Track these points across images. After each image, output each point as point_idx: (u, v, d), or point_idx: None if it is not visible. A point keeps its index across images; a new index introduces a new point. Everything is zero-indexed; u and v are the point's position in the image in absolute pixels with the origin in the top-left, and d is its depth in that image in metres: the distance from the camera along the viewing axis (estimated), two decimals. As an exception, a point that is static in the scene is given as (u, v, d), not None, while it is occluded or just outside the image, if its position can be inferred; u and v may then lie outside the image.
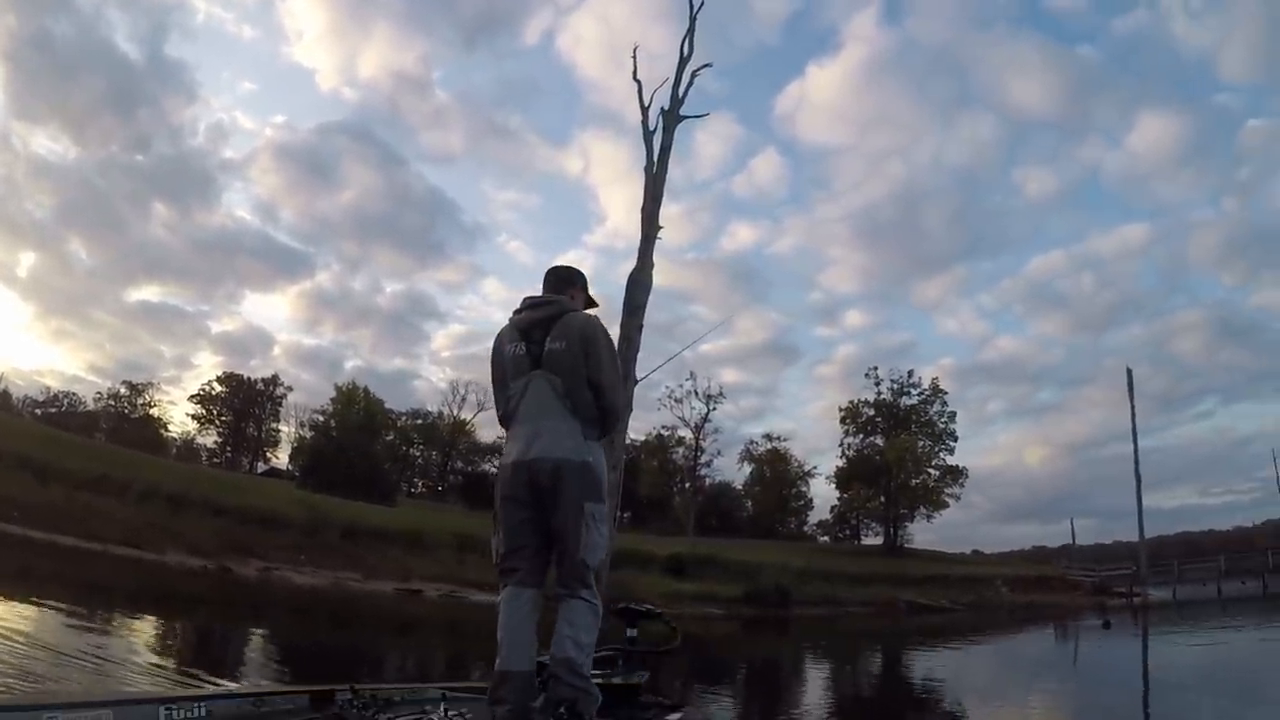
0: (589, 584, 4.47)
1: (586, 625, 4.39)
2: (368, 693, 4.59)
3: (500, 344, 4.84)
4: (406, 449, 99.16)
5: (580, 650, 4.30)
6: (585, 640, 4.35)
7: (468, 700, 4.80)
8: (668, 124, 21.37)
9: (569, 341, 4.59)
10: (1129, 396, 65.64)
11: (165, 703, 3.79)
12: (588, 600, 4.43)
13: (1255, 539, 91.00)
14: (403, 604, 30.49)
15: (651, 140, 21.35)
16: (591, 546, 4.43)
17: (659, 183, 20.93)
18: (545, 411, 4.55)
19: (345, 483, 55.63)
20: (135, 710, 3.68)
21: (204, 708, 3.92)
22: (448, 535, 41.20)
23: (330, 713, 4.34)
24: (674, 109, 21.58)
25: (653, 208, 20.54)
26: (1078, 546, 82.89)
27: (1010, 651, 29.84)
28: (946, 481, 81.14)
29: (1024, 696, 17.87)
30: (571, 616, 4.36)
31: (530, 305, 4.92)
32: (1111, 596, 59.76)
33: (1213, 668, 21.65)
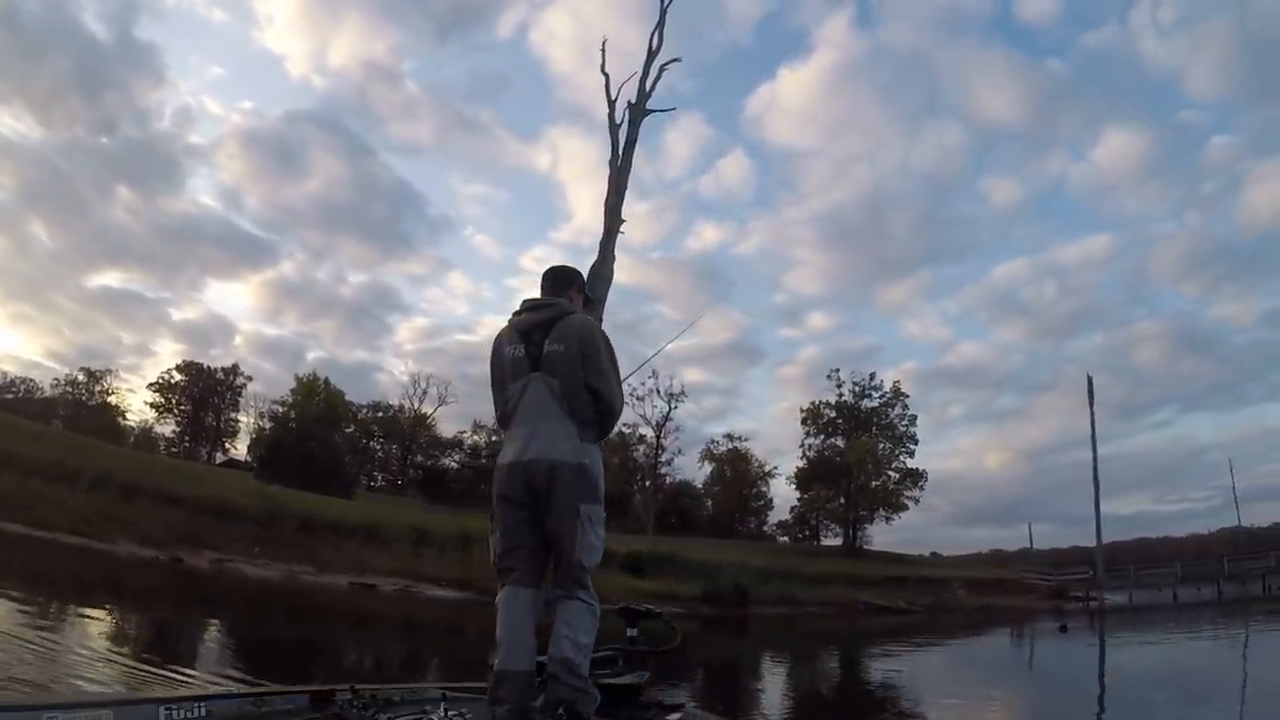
0: (586, 585, 4.48)
1: (585, 626, 4.39)
2: (368, 693, 4.62)
3: (499, 345, 4.86)
4: (367, 442, 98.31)
5: (578, 651, 4.30)
6: (584, 641, 4.35)
7: (468, 700, 4.81)
8: (634, 117, 21.24)
9: (567, 344, 4.61)
10: (1089, 403, 66.27)
11: (165, 703, 3.82)
12: (585, 601, 4.45)
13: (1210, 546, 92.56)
14: (357, 598, 30.07)
15: (617, 133, 21.19)
16: (588, 548, 4.46)
17: (623, 176, 20.79)
18: (543, 413, 4.57)
19: (303, 475, 55.03)
20: (135, 710, 3.71)
21: (204, 708, 3.95)
22: (405, 529, 40.83)
23: (330, 713, 4.36)
24: (640, 103, 21.44)
25: (616, 201, 20.41)
26: (1035, 550, 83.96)
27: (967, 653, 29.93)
28: (906, 484, 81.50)
29: (981, 698, 17.98)
30: (570, 617, 4.36)
31: (530, 307, 4.92)
32: (1068, 600, 60.33)
33: (1167, 671, 21.99)
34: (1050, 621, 42.84)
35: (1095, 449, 65.10)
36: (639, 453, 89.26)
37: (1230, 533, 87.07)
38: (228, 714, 4.10)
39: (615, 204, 20.41)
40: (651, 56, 22.09)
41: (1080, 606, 56.50)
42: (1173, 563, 71.22)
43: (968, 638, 36.17)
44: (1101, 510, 64.32)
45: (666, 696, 5.62)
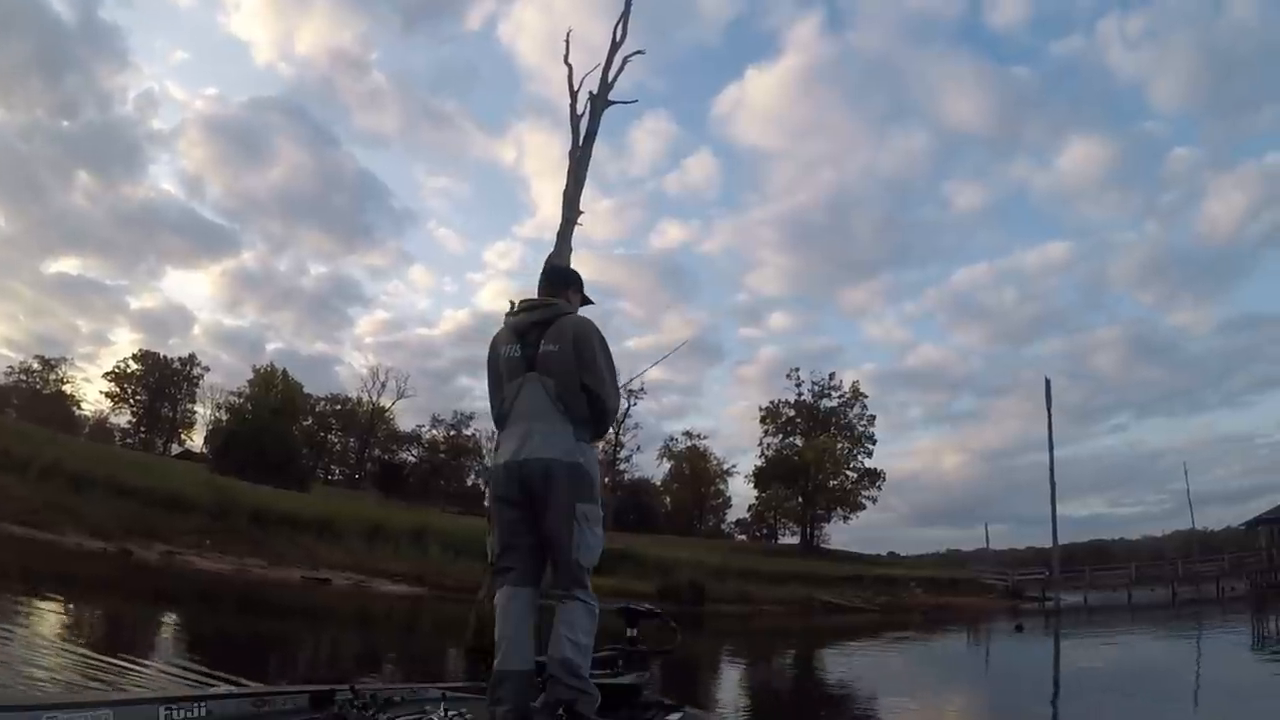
0: (585, 585, 4.49)
1: (584, 626, 4.39)
2: (368, 693, 4.54)
3: (496, 345, 4.86)
4: (324, 435, 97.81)
5: (578, 651, 4.29)
6: (583, 641, 4.34)
7: (468, 700, 4.78)
8: (595, 108, 21.10)
9: (563, 344, 4.59)
10: (1046, 406, 66.44)
11: (165, 703, 3.77)
12: (584, 601, 4.45)
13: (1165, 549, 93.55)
14: (309, 592, 29.66)
15: (578, 124, 21.02)
16: (585, 547, 4.45)
17: (582, 167, 20.69)
18: (538, 413, 4.56)
19: (258, 467, 54.49)
20: (135, 710, 3.66)
21: (204, 708, 3.90)
22: (359, 523, 40.41)
23: (330, 713, 4.30)
24: (602, 94, 21.31)
25: (575, 192, 20.28)
26: (992, 551, 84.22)
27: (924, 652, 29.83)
28: (864, 484, 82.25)
29: (937, 696, 17.89)
30: (568, 618, 4.37)
31: (526, 307, 4.94)
32: (1024, 600, 60.84)
33: (1121, 670, 22.06)
34: (1006, 621, 42.89)
35: (1052, 451, 65.53)
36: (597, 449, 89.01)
37: (1184, 536, 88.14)
38: (228, 714, 4.06)
39: (574, 195, 20.31)
40: (615, 48, 21.98)
41: (1036, 607, 56.95)
42: (1128, 564, 71.71)
43: (924, 637, 36.11)
44: (1058, 512, 64.88)
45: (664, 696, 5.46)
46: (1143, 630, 34.70)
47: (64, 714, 3.30)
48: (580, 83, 21.66)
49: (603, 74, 21.45)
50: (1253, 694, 16.33)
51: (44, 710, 3.30)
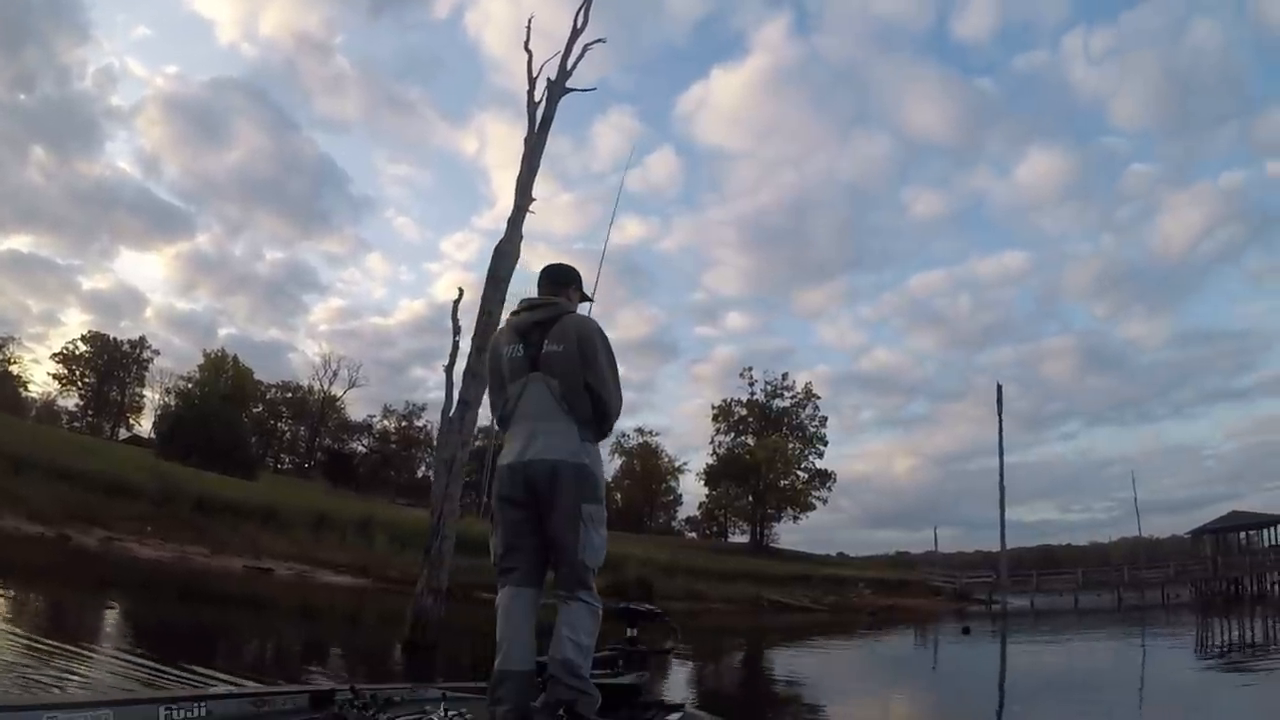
0: (589, 586, 4.46)
1: (586, 627, 4.37)
2: (368, 693, 4.56)
3: (498, 346, 4.85)
4: (275, 423, 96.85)
5: (579, 651, 4.28)
6: (585, 642, 4.34)
7: (468, 700, 4.81)
8: (552, 94, 20.85)
9: (566, 344, 4.57)
10: (998, 411, 66.73)
11: (165, 703, 3.79)
12: (587, 602, 4.43)
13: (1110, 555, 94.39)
14: (251, 581, 29.14)
15: (535, 111, 20.75)
16: (591, 548, 4.45)
17: (536, 154, 20.45)
18: (543, 414, 4.55)
19: (205, 453, 53.61)
20: (135, 710, 3.67)
21: (204, 708, 3.92)
22: (305, 513, 39.86)
23: (330, 713, 4.31)
24: (560, 80, 21.07)
25: (528, 179, 20.07)
26: (940, 554, 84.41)
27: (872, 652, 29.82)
28: (814, 484, 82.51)
29: (884, 695, 17.89)
30: (571, 618, 4.35)
31: (528, 307, 4.89)
32: (971, 603, 61.08)
33: (1066, 672, 22.37)
34: (953, 623, 42.98)
35: (1002, 456, 65.73)
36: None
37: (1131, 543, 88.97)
38: (228, 714, 4.07)
39: (527, 181, 20.10)
40: (575, 35, 21.72)
41: (983, 610, 57.15)
42: (1074, 570, 72.46)
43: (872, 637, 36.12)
44: (1007, 517, 64.95)
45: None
46: (1088, 634, 34.77)
47: (64, 714, 3.34)
48: (540, 69, 21.39)
49: (561, 60, 21.17)
50: (1194, 697, 16.78)
51: (44, 710, 3.34)
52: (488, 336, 18.00)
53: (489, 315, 18.56)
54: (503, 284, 18.94)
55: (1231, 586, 59.08)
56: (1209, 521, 65.99)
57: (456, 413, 19.25)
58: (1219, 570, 61.27)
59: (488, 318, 18.52)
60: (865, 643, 33.34)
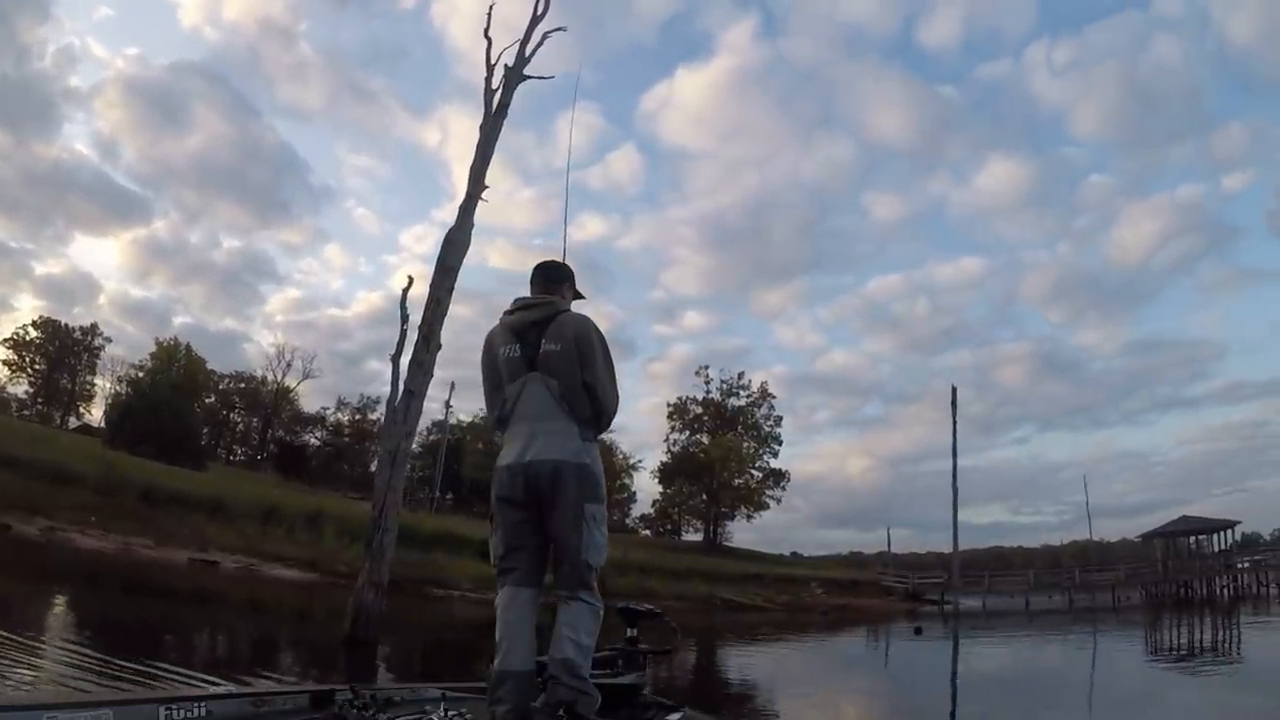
0: (590, 585, 4.43)
1: (587, 627, 4.35)
2: (368, 693, 4.55)
3: (492, 345, 4.79)
4: (227, 413, 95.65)
5: (580, 651, 4.25)
6: (585, 642, 4.31)
7: (468, 700, 4.82)
8: (509, 81, 20.61)
9: (564, 343, 4.54)
10: (952, 413, 67.17)
11: (165, 703, 3.77)
12: (588, 602, 4.40)
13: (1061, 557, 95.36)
14: (195, 575, 28.60)
15: (491, 97, 20.46)
16: (593, 547, 4.42)
17: (490, 141, 20.21)
18: (542, 414, 4.52)
19: (154, 443, 52.72)
20: (135, 710, 3.66)
21: (204, 708, 3.90)
22: (253, 505, 39.20)
23: (330, 713, 4.30)
24: (518, 67, 20.85)
25: (480, 167, 19.84)
26: (893, 554, 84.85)
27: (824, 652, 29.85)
28: (769, 483, 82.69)
29: (837, 694, 17.94)
30: (571, 618, 4.33)
31: (523, 306, 4.83)
32: (924, 603, 61.32)
33: (1016, 672, 22.90)
34: (906, 623, 43.08)
35: (955, 457, 66.46)
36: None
37: (1081, 546, 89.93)
38: (228, 714, 4.05)
39: (479, 169, 19.82)
40: (535, 21, 21.55)
41: (935, 610, 57.38)
42: (1026, 571, 73.04)
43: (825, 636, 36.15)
44: (959, 518, 65.84)
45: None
46: (1040, 635, 35.23)
47: (64, 714, 3.33)
48: (499, 57, 21.23)
49: (520, 47, 20.97)
50: (1144, 695, 17.27)
51: (44, 710, 3.33)
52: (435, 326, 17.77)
53: (437, 304, 18.30)
54: (452, 272, 18.67)
55: (1181, 589, 59.61)
56: (1159, 525, 66.64)
57: (401, 403, 18.95)
58: (1169, 573, 61.96)
59: (436, 306, 18.26)
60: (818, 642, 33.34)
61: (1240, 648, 26.87)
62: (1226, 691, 17.64)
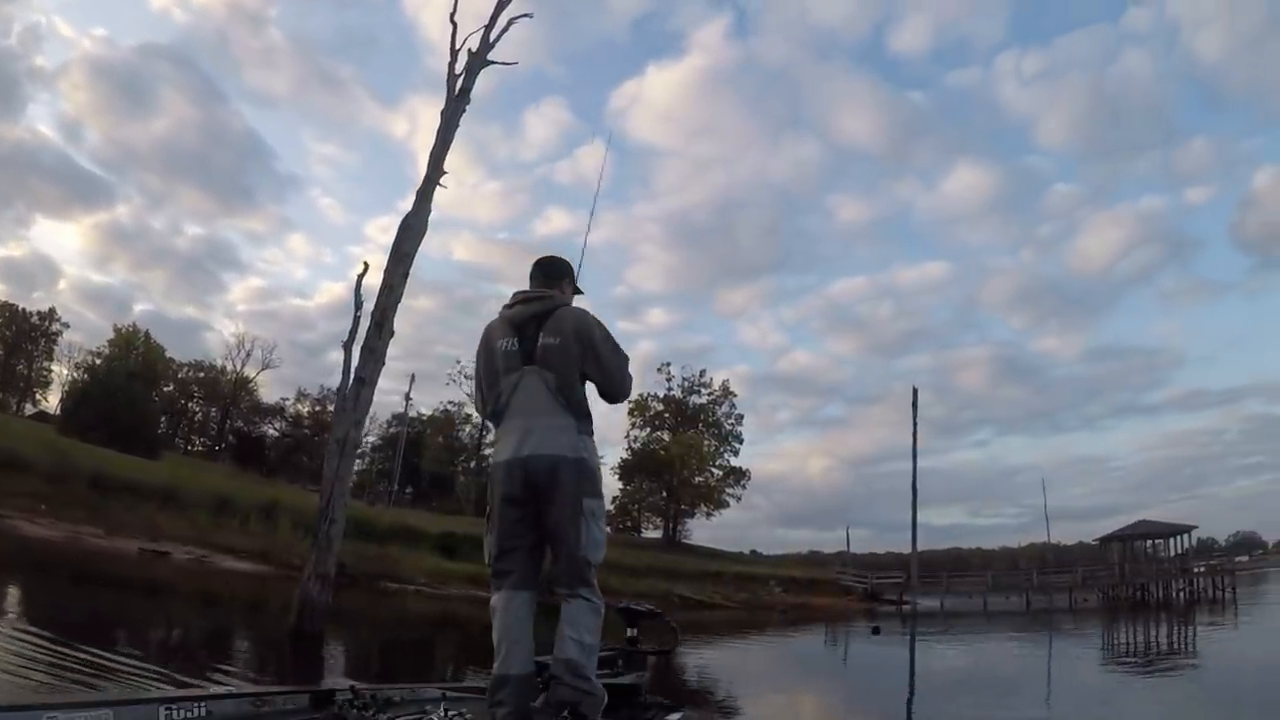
0: (590, 583, 4.39)
1: (589, 625, 4.31)
2: (368, 693, 4.51)
3: (490, 339, 4.73)
4: (186, 402, 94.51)
5: (583, 651, 4.22)
6: (588, 641, 4.27)
7: (467, 700, 4.79)
8: (472, 66, 20.34)
9: (563, 337, 4.49)
10: (912, 414, 67.39)
11: (165, 703, 3.74)
12: (589, 600, 4.36)
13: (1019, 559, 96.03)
14: (145, 565, 28.08)
15: (454, 82, 20.15)
16: (593, 543, 4.38)
17: (451, 126, 19.98)
18: (538, 408, 4.44)
19: (109, 431, 51.86)
20: (135, 710, 3.61)
21: (204, 708, 3.87)
22: (207, 495, 38.66)
23: (330, 713, 4.27)
24: (482, 52, 20.61)
25: (440, 151, 19.60)
26: (852, 554, 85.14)
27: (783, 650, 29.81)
28: (729, 481, 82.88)
29: (796, 692, 17.94)
30: (573, 617, 4.30)
31: (522, 299, 4.75)
32: (882, 603, 61.39)
33: (973, 671, 23.03)
34: (864, 623, 43.16)
35: (915, 458, 66.66)
36: (464, 432, 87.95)
37: (1039, 548, 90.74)
38: (228, 714, 4.01)
39: (439, 153, 19.54)
40: (500, 7, 21.28)
41: (894, 610, 57.34)
42: (984, 572, 73.37)
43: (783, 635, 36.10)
44: (918, 519, 66.13)
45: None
46: (997, 635, 35.29)
47: (64, 714, 3.30)
48: (463, 42, 21.01)
49: (485, 32, 20.70)
50: (1099, 695, 17.37)
51: (44, 710, 3.29)
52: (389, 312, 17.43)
53: (391, 290, 18.02)
54: (407, 258, 18.37)
55: (1138, 592, 60.12)
56: (1117, 529, 67.01)
57: (351, 390, 18.63)
58: (1126, 576, 62.51)
59: (390, 292, 17.97)
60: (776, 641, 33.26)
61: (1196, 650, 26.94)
62: (1179, 693, 17.80)
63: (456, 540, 44.16)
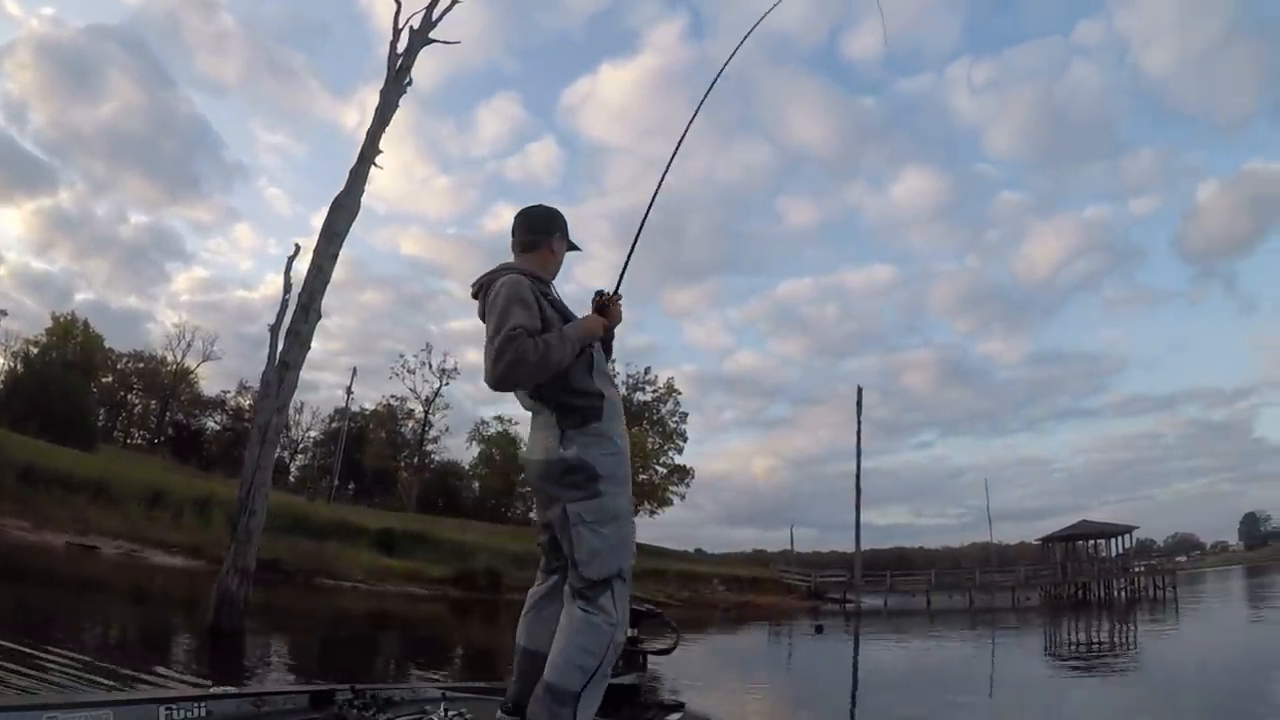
0: (589, 598, 3.71)
1: (579, 644, 3.62)
2: (368, 693, 4.49)
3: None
4: (125, 394, 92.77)
5: (564, 674, 3.56)
6: (577, 661, 3.58)
7: (468, 700, 4.74)
8: (412, 44, 19.84)
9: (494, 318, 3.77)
10: (857, 413, 67.50)
11: (165, 703, 3.79)
12: (587, 614, 3.68)
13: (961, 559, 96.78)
14: (73, 561, 27.27)
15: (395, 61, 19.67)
16: (591, 555, 3.72)
17: (390, 105, 19.36)
18: (526, 404, 4.00)
19: (42, 422, 50.66)
20: (135, 710, 3.66)
21: (204, 708, 3.94)
22: (141, 488, 37.72)
23: (330, 713, 4.23)
24: (424, 30, 20.14)
25: (377, 130, 19.10)
26: (796, 553, 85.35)
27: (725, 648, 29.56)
28: (673, 479, 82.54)
29: (738, 691, 17.90)
30: (566, 631, 3.68)
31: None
32: (826, 602, 61.47)
33: (916, 669, 23.10)
34: (808, 621, 43.02)
35: (859, 457, 67.05)
36: (407, 428, 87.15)
37: (981, 548, 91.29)
38: (228, 714, 4.06)
39: (375, 132, 19.04)
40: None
41: (837, 608, 57.48)
42: (927, 571, 73.58)
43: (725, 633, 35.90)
44: (862, 518, 66.23)
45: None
46: (941, 634, 35.43)
47: (64, 714, 3.31)
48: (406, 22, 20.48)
49: (427, 10, 20.19)
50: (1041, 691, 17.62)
51: (44, 710, 3.31)
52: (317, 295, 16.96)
53: (319, 271, 17.50)
54: (337, 239, 17.82)
55: (1079, 592, 60.76)
56: (1059, 529, 67.53)
57: (275, 375, 17.96)
58: (1068, 576, 63.08)
59: (318, 273, 17.45)
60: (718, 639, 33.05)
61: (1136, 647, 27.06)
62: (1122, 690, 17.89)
63: (395, 537, 43.71)
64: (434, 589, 38.64)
